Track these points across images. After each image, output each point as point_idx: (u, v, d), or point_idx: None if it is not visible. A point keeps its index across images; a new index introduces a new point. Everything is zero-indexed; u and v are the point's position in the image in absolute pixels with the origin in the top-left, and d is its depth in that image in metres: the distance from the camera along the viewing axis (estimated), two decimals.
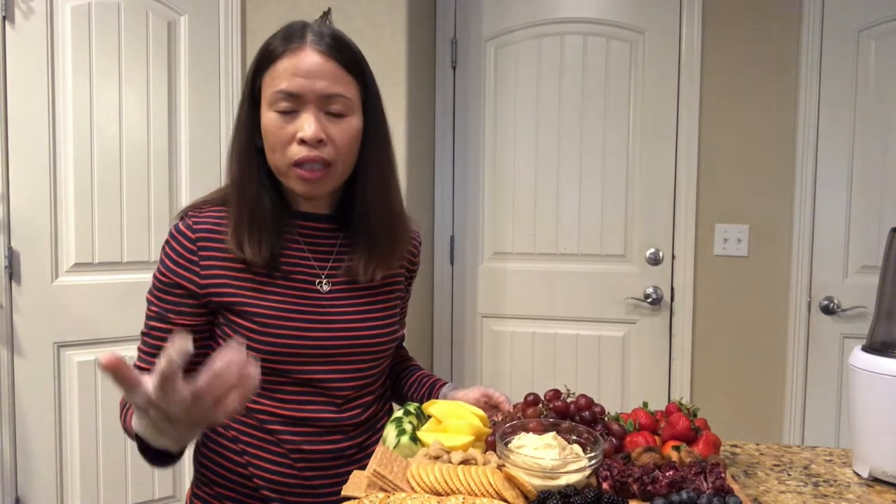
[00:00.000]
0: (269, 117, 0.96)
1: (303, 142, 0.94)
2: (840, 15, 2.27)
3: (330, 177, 0.98)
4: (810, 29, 2.28)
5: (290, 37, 0.96)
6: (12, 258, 1.98)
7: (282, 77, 0.94)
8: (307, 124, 0.94)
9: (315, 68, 0.94)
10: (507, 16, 2.52)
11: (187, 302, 0.99)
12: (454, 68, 2.59)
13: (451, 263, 2.63)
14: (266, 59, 0.97)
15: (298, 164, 0.95)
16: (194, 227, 1.00)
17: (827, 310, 2.31)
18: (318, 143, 0.94)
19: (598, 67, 2.46)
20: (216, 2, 2.25)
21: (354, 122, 0.98)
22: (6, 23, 1.94)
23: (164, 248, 1.01)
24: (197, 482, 1.09)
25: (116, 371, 0.66)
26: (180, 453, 0.88)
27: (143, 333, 1.02)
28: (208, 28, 2.24)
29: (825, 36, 2.28)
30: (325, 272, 1.04)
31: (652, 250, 2.45)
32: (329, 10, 2.21)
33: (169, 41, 2.17)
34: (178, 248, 1.00)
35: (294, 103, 0.94)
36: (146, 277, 2.22)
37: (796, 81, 2.32)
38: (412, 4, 2.28)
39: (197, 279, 0.99)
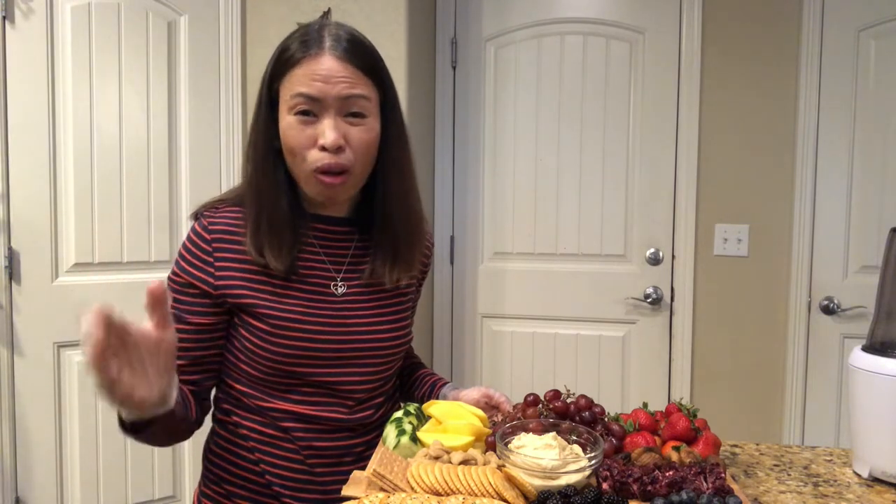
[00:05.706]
0: (288, 121, 0.96)
1: (323, 148, 0.94)
2: (840, 15, 2.26)
3: (348, 182, 0.98)
4: (810, 29, 2.28)
5: (308, 42, 0.95)
6: (12, 258, 1.98)
7: (301, 82, 0.94)
8: (327, 130, 0.93)
9: (334, 73, 0.94)
10: (507, 16, 2.52)
11: (201, 301, 0.99)
12: (454, 68, 2.59)
13: (451, 263, 2.63)
14: (284, 64, 0.96)
15: (320, 171, 0.95)
16: (210, 227, 1.00)
17: (827, 310, 2.31)
18: (337, 149, 0.94)
19: (598, 67, 2.45)
20: (216, 2, 2.24)
21: (373, 125, 0.98)
22: (6, 23, 1.94)
23: (180, 250, 1.02)
24: (205, 480, 1.09)
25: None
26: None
27: None
28: (208, 28, 2.24)
29: (825, 36, 2.28)
30: (341, 275, 1.04)
31: (652, 250, 2.45)
32: (329, 10, 2.21)
33: (169, 41, 2.17)
34: (193, 249, 1.00)
35: (313, 106, 0.94)
36: (146, 277, 2.25)
37: (796, 81, 2.32)
38: (412, 4, 2.28)
39: (211, 280, 0.98)
